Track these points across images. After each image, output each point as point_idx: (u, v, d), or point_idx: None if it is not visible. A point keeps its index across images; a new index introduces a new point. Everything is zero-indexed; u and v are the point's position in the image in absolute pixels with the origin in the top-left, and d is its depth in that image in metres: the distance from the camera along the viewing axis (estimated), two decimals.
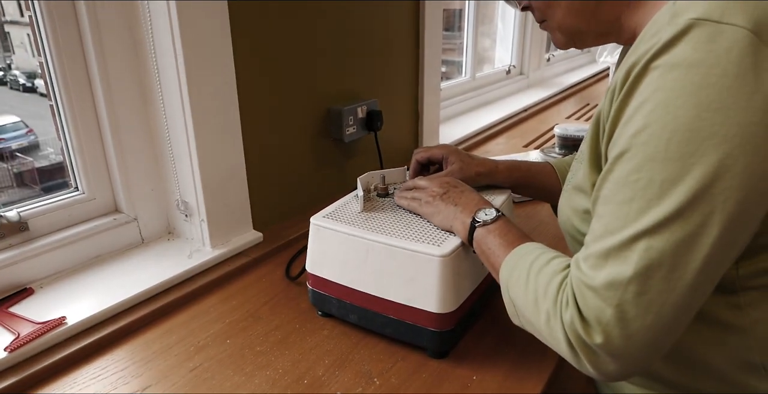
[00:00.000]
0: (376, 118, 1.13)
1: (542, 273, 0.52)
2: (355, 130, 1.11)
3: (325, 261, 0.70)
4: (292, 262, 0.90)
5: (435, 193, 0.69)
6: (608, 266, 0.45)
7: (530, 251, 0.55)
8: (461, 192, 0.69)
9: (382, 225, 0.68)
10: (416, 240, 0.64)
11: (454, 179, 0.73)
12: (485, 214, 0.62)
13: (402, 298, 0.65)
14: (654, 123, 0.44)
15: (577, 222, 0.59)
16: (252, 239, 0.93)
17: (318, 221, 0.70)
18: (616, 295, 0.44)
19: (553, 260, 0.52)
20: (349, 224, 0.68)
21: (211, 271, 0.85)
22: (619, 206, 0.46)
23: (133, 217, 0.88)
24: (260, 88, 0.92)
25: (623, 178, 0.46)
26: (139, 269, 0.83)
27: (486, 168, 0.77)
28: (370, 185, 0.80)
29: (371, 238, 0.65)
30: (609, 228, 0.46)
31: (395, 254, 0.64)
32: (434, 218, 0.67)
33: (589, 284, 0.46)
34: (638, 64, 0.46)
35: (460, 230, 0.64)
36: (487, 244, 0.60)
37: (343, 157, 1.15)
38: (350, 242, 0.67)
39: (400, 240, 0.64)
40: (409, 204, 0.71)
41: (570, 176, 0.64)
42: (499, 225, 0.60)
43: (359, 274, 0.67)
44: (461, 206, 0.65)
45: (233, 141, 0.88)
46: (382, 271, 0.65)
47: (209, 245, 0.88)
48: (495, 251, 0.58)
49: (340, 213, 0.72)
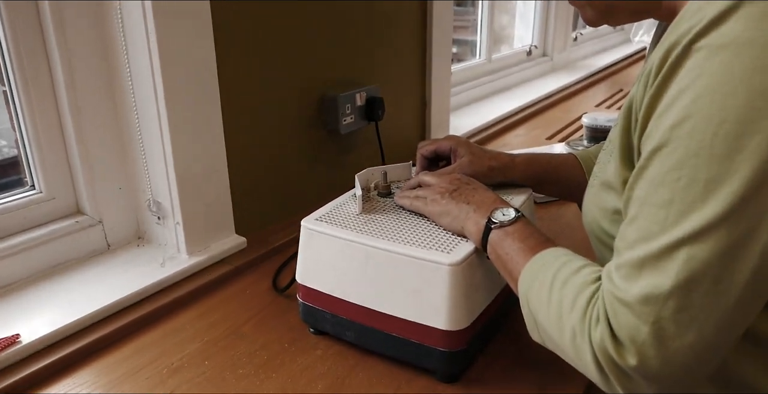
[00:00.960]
0: (377, 106, 1.14)
1: (569, 284, 0.51)
2: (352, 120, 1.11)
3: (317, 270, 0.70)
4: (280, 271, 0.90)
5: (443, 191, 0.69)
6: (643, 277, 0.45)
7: (555, 257, 0.55)
8: (474, 189, 0.69)
9: (383, 229, 0.68)
10: (423, 246, 0.64)
11: (464, 175, 0.73)
12: (503, 214, 0.62)
13: (407, 313, 0.65)
14: (697, 114, 0.44)
15: (605, 223, 0.58)
16: (234, 244, 0.93)
17: (310, 224, 0.70)
18: (653, 311, 0.44)
19: (582, 270, 0.52)
20: (346, 227, 0.69)
21: (187, 281, 0.85)
22: (656, 208, 0.46)
23: (98, 219, 0.89)
24: (244, 74, 0.92)
25: (661, 176, 0.46)
26: (104, 280, 0.83)
27: (500, 162, 0.77)
28: (369, 183, 0.80)
29: (371, 244, 0.65)
30: (644, 234, 0.46)
31: (399, 262, 0.64)
32: (442, 218, 0.67)
33: (622, 298, 0.46)
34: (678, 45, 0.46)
35: (472, 232, 0.64)
36: (504, 248, 0.60)
37: (339, 152, 1.15)
38: (347, 249, 0.67)
39: (404, 246, 0.64)
40: (412, 204, 0.71)
41: (597, 170, 0.64)
42: (518, 227, 0.61)
43: (357, 285, 0.67)
44: (474, 205, 0.65)
45: (213, 133, 0.88)
46: (383, 282, 0.65)
47: (185, 252, 0.89)
48: (513, 257, 0.58)
49: (335, 215, 0.72)
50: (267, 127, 0.99)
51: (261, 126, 0.98)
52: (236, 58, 0.90)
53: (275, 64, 0.97)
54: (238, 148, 0.94)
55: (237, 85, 0.91)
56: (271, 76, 0.97)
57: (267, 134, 0.99)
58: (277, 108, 1.00)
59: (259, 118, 0.97)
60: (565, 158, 0.80)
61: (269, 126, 0.99)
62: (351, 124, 1.11)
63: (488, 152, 0.78)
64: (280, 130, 1.01)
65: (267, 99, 0.97)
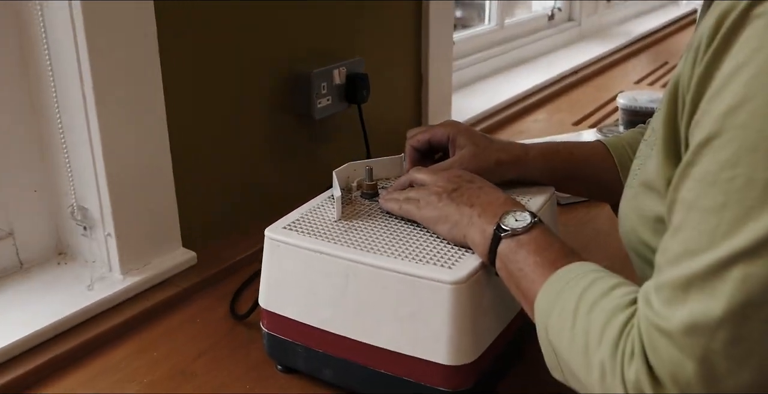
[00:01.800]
0: (361, 84, 1.14)
1: (597, 309, 0.52)
2: (329, 102, 1.12)
3: (286, 292, 0.70)
4: (239, 294, 0.90)
5: (440, 191, 0.69)
6: (690, 301, 0.45)
7: (581, 275, 0.56)
8: (479, 189, 0.69)
9: (368, 239, 0.68)
10: (417, 260, 0.64)
11: (466, 171, 0.73)
12: (515, 219, 0.62)
13: (399, 344, 0.65)
14: (756, 96, 0.44)
15: (646, 234, 0.59)
16: (181, 261, 0.93)
17: (276, 234, 0.70)
18: (701, 343, 0.44)
19: (614, 291, 0.53)
20: (321, 237, 0.69)
21: (122, 308, 0.85)
22: (705, 215, 0.46)
23: (7, 231, 0.88)
24: (195, 46, 0.93)
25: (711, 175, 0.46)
26: (15, 307, 0.82)
27: (511, 155, 0.77)
28: (351, 182, 0.80)
29: (353, 258, 0.66)
30: (691, 246, 0.46)
31: (388, 280, 0.64)
32: (440, 225, 0.68)
33: (663, 327, 0.46)
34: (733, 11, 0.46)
35: (477, 242, 0.64)
36: (517, 262, 0.60)
37: (313, 142, 1.15)
38: (323, 264, 0.67)
39: (394, 260, 0.65)
40: (402, 207, 0.71)
41: (636, 166, 0.64)
42: (535, 236, 0.61)
43: (336, 310, 0.67)
44: (480, 208, 0.66)
45: (154, 122, 0.88)
46: (369, 305, 0.66)
47: (119, 271, 0.88)
48: (528, 274, 0.59)
49: (308, 222, 0.72)
50: (222, 114, 0.99)
51: (215, 112, 0.98)
52: (182, 25, 0.90)
53: (232, 33, 0.97)
54: (186, 141, 0.94)
55: (184, 60, 0.91)
56: (227, 49, 0.97)
57: (222, 123, 0.99)
58: (235, 89, 1.00)
59: (212, 102, 0.97)
60: (593, 147, 0.81)
61: (225, 112, 1.00)
62: (327, 107, 1.11)
63: (496, 142, 0.79)
64: (238, 118, 1.02)
65: (222, 78, 0.98)
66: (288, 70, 1.07)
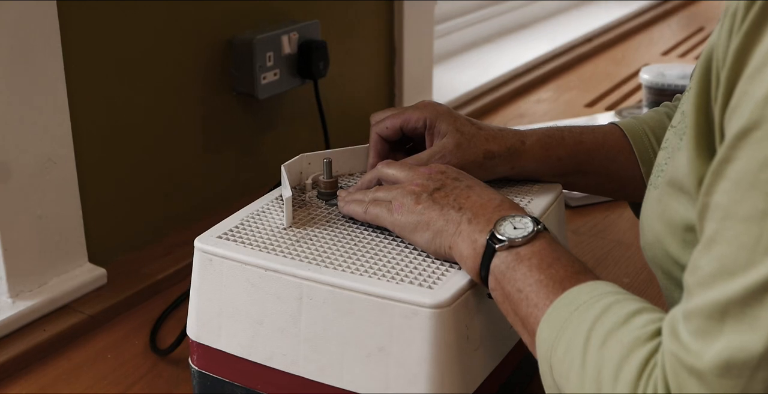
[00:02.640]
0: (318, 55, 1.14)
1: (613, 342, 0.52)
2: (276, 77, 1.12)
3: (222, 320, 0.70)
4: (161, 322, 0.90)
5: (419, 190, 0.69)
6: (726, 333, 0.45)
7: (594, 298, 0.56)
8: (468, 188, 0.69)
9: (327, 252, 0.68)
10: (389, 278, 0.64)
11: (449, 166, 0.73)
12: (513, 226, 0.63)
13: (366, 384, 0.65)
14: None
15: (673, 247, 0.59)
16: (87, 280, 0.93)
17: (208, 245, 0.70)
18: (738, 385, 0.45)
19: (633, 319, 0.53)
20: (267, 249, 0.69)
21: (11, 341, 0.85)
22: (744, 224, 0.46)
23: None
24: (102, 13, 0.92)
25: (751, 174, 0.46)
26: None
27: (503, 144, 0.78)
28: (305, 179, 0.80)
29: (307, 275, 0.65)
30: (726, 264, 0.46)
31: (352, 304, 0.64)
32: (418, 233, 0.68)
33: (693, 365, 0.46)
34: None
35: (466, 255, 0.64)
36: (515, 282, 0.60)
37: (256, 129, 1.15)
38: (269, 284, 0.67)
39: (360, 279, 0.64)
40: (369, 211, 0.71)
41: (663, 160, 0.65)
42: (537, 248, 0.61)
43: (286, 342, 0.67)
44: (469, 212, 0.66)
45: (52, 109, 0.87)
46: (327, 336, 0.65)
47: (6, 293, 0.88)
48: (529, 297, 0.59)
49: (249, 230, 0.72)
50: (139, 97, 0.99)
51: (130, 95, 0.97)
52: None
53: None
54: (93, 130, 0.93)
55: (89, 31, 0.91)
56: (140, 15, 0.96)
57: (139, 107, 0.99)
58: (155, 62, 0.99)
59: (127, 78, 0.97)
60: (607, 133, 0.81)
61: (143, 95, 0.99)
62: (274, 84, 1.11)
63: (485, 129, 0.79)
64: (160, 101, 1.01)
65: (139, 47, 0.97)
66: (221, 37, 1.06)
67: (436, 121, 0.78)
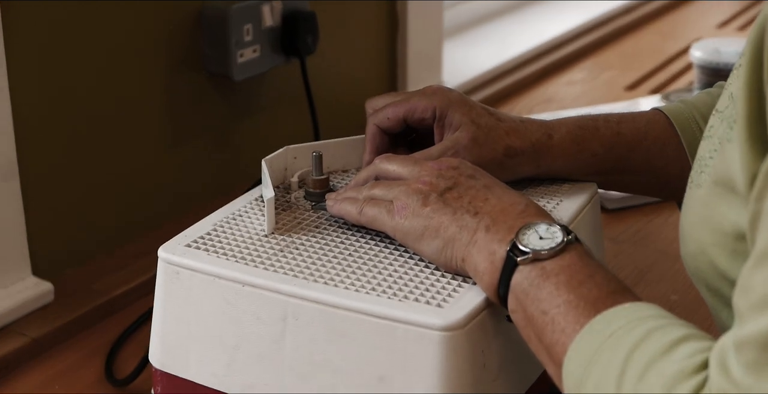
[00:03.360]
0: (305, 27, 1.14)
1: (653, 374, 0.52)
2: (256, 55, 1.11)
3: (191, 345, 0.70)
4: (118, 347, 0.90)
5: (427, 188, 0.69)
6: None
7: (632, 322, 0.56)
8: (485, 188, 0.69)
9: (316, 263, 0.68)
10: (391, 294, 0.64)
11: (464, 162, 0.73)
12: (539, 236, 0.63)
13: None
14: None
15: (722, 259, 0.59)
16: (30, 296, 0.93)
17: (175, 255, 0.70)
18: None
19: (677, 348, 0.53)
20: (245, 260, 0.69)
21: None
22: None
23: None
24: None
25: None
26: None
27: (526, 139, 0.78)
28: (290, 176, 0.80)
29: (293, 292, 0.65)
30: None
31: (346, 325, 0.64)
32: (425, 242, 0.68)
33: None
34: None
35: (482, 270, 0.64)
36: (539, 302, 0.60)
37: (232, 115, 1.15)
38: (247, 302, 0.67)
39: (356, 295, 0.64)
40: (365, 212, 0.71)
41: (707, 152, 0.64)
42: (568, 262, 0.61)
43: (268, 371, 0.67)
44: (488, 218, 0.66)
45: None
46: (317, 364, 0.65)
47: None
48: (556, 320, 0.59)
49: (223, 238, 0.72)
50: (91, 76, 0.98)
51: (79, 74, 0.97)
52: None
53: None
54: (35, 119, 0.93)
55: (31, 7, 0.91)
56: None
57: (91, 89, 0.99)
58: (109, 38, 0.99)
59: (74, 58, 0.96)
60: (650, 121, 0.81)
61: (95, 73, 0.99)
62: (254, 63, 1.11)
63: (506, 121, 0.79)
64: (115, 80, 1.01)
65: (90, 20, 0.97)
66: (190, 7, 1.06)
67: (447, 110, 0.78)
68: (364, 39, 1.33)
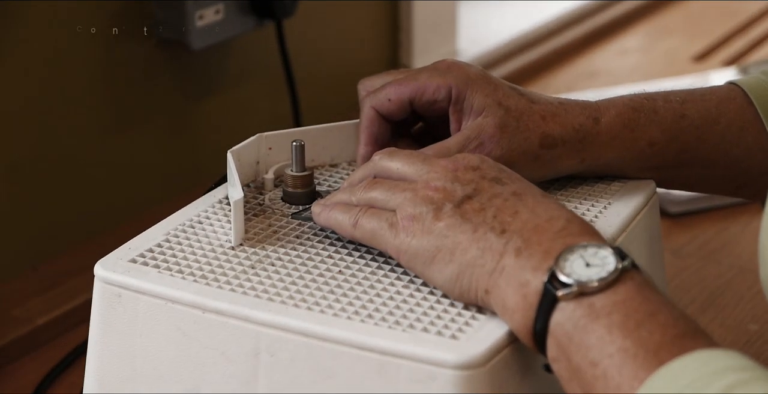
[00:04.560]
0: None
1: None
2: (220, 15, 1.12)
3: (138, 386, 0.70)
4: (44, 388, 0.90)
5: (440, 197, 0.69)
6: None
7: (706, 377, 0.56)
8: (515, 196, 0.69)
9: (296, 283, 0.69)
10: (392, 323, 0.65)
11: (486, 160, 0.73)
12: (585, 262, 0.63)
13: None
14: None
15: None
16: None
17: (115, 272, 0.70)
18: None
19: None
20: (206, 279, 0.69)
21: None
22: None
23: None
24: None
25: None
26: None
27: (567, 124, 0.79)
28: (263, 171, 0.81)
29: (269, 320, 0.65)
30: None
31: (336, 361, 0.64)
32: (435, 267, 0.68)
33: None
34: None
35: (512, 305, 0.64)
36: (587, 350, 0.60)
37: (189, 93, 1.16)
38: (209, 332, 0.67)
39: (348, 325, 0.65)
40: (361, 225, 0.71)
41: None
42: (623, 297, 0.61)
43: None
44: (517, 238, 0.66)
45: None
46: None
47: None
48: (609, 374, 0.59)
49: (178, 250, 0.72)
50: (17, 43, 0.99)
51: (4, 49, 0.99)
52: None
53: None
54: None
55: None
56: None
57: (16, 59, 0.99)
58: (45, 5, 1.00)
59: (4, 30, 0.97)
60: (721, 99, 0.82)
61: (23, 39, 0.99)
62: (217, 26, 1.11)
63: (539, 102, 0.80)
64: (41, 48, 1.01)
65: None
66: None
67: (466, 90, 0.79)
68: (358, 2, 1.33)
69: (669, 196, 1.13)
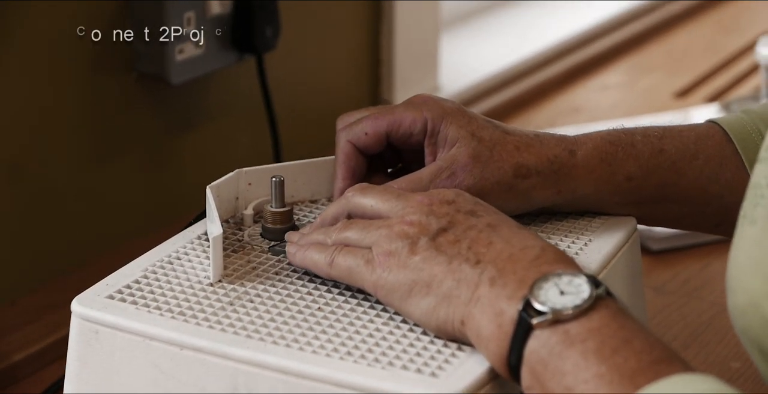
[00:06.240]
0: (263, 16, 1.15)
1: None
2: (200, 50, 1.12)
3: None
4: None
5: (416, 231, 0.70)
6: None
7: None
8: (490, 227, 0.69)
9: (275, 320, 0.69)
10: (371, 360, 0.65)
11: (461, 194, 0.73)
12: (559, 290, 0.63)
13: None
14: None
15: None
16: None
17: (93, 308, 0.70)
18: None
19: None
20: (184, 316, 0.69)
21: None
22: None
23: None
24: None
25: None
26: None
27: (542, 155, 0.79)
28: (242, 207, 0.81)
29: (246, 356, 0.65)
30: None
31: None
32: (412, 301, 0.68)
33: None
34: None
35: (487, 335, 0.64)
36: (561, 377, 0.60)
37: (168, 128, 1.16)
38: (187, 370, 0.67)
39: (327, 362, 0.64)
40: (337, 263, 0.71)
41: (763, 179, 0.65)
42: (598, 324, 0.62)
43: None
44: (492, 267, 0.66)
45: None
46: None
47: None
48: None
49: (156, 286, 0.72)
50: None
51: None
52: None
53: None
54: None
55: None
56: None
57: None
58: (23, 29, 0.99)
59: None
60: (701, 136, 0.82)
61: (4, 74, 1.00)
62: (197, 60, 1.12)
63: (514, 134, 0.80)
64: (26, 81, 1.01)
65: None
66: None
67: (440, 123, 0.79)
68: (338, 31, 1.33)
69: (650, 233, 1.13)
